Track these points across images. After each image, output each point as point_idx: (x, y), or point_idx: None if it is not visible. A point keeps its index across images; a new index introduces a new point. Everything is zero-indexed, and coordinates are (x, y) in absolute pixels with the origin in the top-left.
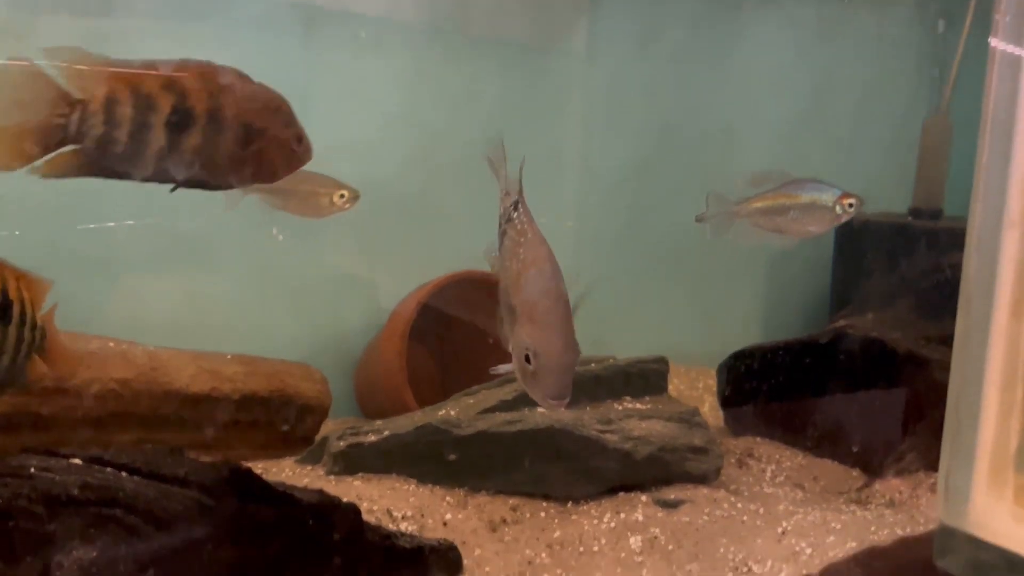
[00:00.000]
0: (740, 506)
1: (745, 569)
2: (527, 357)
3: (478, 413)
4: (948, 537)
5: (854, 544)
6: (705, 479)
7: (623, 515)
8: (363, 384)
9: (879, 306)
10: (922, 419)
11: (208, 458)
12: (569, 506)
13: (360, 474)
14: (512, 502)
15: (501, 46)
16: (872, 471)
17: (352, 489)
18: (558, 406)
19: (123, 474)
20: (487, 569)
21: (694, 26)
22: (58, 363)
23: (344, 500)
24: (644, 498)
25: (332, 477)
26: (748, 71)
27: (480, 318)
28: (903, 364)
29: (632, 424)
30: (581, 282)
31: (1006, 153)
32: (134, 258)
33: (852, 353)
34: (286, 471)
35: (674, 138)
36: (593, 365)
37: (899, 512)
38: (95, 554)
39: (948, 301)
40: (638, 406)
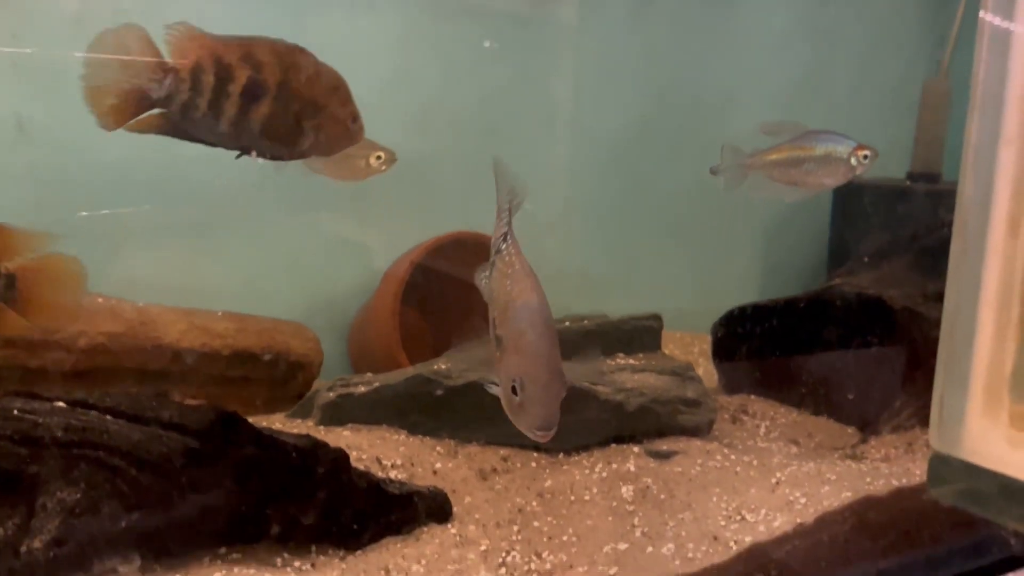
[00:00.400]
0: (734, 458)
1: (738, 518)
2: (513, 388)
3: (469, 365)
4: (942, 465)
5: (849, 494)
6: (698, 432)
7: (615, 465)
8: (356, 345)
9: (876, 265)
10: (918, 376)
11: None
12: (560, 457)
13: (350, 425)
14: (503, 452)
15: (495, 9)
16: (868, 428)
17: (341, 439)
18: (544, 437)
19: (107, 417)
20: (477, 516)
21: None
22: (38, 315)
23: (332, 445)
24: (636, 449)
25: (322, 428)
26: (746, 35)
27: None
28: (900, 320)
29: (624, 377)
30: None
31: (1002, 68)
32: (129, 220)
33: (848, 310)
34: (276, 425)
35: (671, 103)
36: (586, 321)
37: (894, 465)
38: (79, 496)
39: (945, 259)
40: (631, 362)
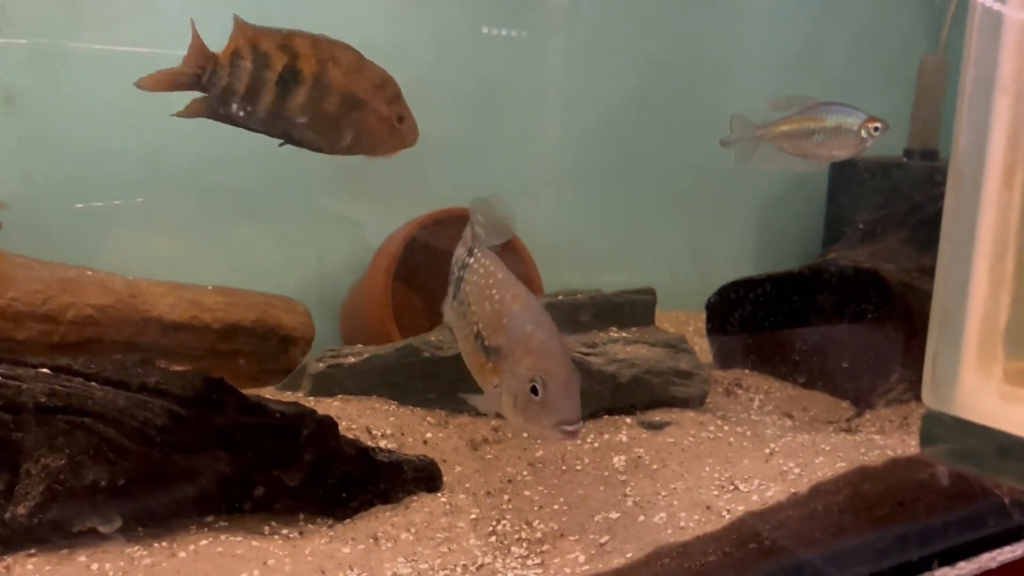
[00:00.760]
0: (727, 429)
1: (731, 487)
2: (534, 388)
3: None
4: (935, 423)
5: (843, 465)
6: (691, 403)
7: (607, 436)
8: (349, 320)
9: (871, 239)
10: (913, 350)
11: None
12: None
13: (340, 396)
14: (493, 423)
15: None
16: (862, 402)
17: (331, 409)
18: (574, 431)
19: (92, 383)
20: (467, 485)
21: None
22: None
23: (320, 414)
24: (628, 420)
25: (312, 399)
26: (742, 7)
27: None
28: (895, 294)
29: (617, 348)
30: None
31: (998, 12)
32: (123, 194)
33: (844, 284)
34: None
35: (666, 77)
36: (579, 296)
37: (889, 438)
38: (63, 462)
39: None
40: (624, 335)
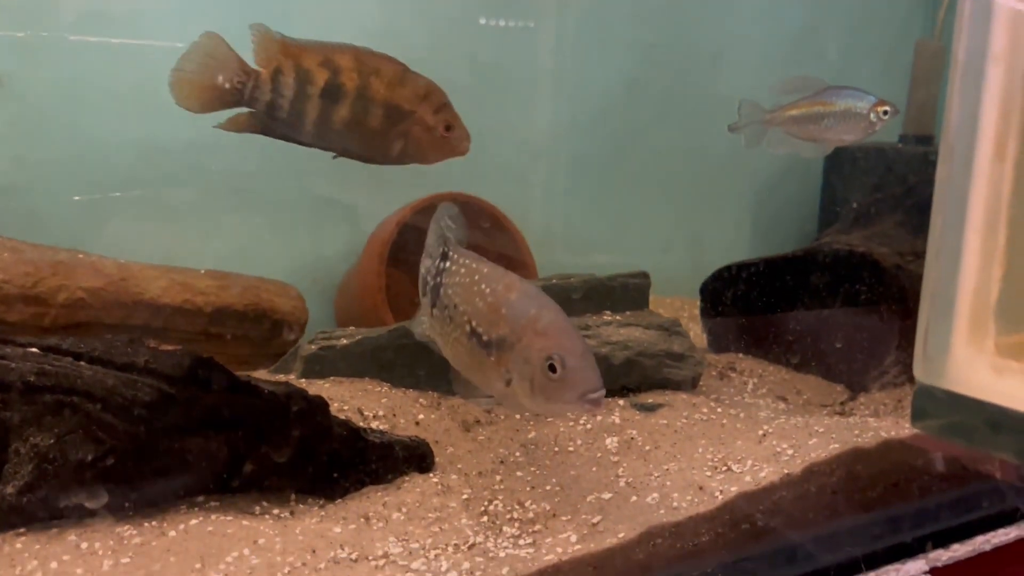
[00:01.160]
0: (720, 411)
1: (724, 468)
2: (551, 367)
3: None
4: (926, 397)
5: (837, 447)
6: (684, 386)
7: (599, 418)
8: (343, 305)
9: (866, 223)
10: (907, 333)
11: None
12: None
13: (332, 378)
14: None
15: None
16: (856, 385)
17: (323, 391)
18: (597, 402)
19: (81, 362)
20: (459, 466)
21: None
22: None
23: (311, 394)
24: (621, 402)
25: (304, 380)
26: None
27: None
28: (889, 278)
29: (610, 331)
30: None
31: None
32: (115, 179)
33: (838, 267)
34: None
35: (660, 62)
36: (573, 279)
37: (883, 420)
38: (52, 441)
39: None
40: (618, 318)
